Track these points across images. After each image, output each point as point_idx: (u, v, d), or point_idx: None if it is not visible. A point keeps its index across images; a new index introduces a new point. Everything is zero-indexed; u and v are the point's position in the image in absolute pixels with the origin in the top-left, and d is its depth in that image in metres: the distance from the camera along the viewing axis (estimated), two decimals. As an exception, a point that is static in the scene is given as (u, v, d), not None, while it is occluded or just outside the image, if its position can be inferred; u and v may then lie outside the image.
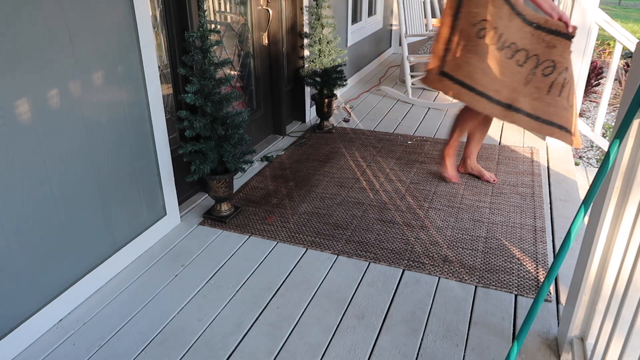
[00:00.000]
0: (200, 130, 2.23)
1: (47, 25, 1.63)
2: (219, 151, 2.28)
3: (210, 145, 2.26)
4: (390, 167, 3.09)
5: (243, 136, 2.32)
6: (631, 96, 1.23)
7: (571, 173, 3.01)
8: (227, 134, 2.28)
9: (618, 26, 3.10)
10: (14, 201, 1.61)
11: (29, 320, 1.71)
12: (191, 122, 2.23)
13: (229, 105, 2.29)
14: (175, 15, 2.40)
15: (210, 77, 2.21)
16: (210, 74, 2.20)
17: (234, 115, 2.31)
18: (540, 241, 2.28)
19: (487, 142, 3.51)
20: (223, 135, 2.27)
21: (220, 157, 2.29)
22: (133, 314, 1.86)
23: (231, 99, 2.27)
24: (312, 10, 3.41)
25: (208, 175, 2.29)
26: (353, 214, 2.53)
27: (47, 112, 1.69)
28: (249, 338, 1.74)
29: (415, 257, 2.17)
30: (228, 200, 2.50)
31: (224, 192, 2.38)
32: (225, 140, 2.29)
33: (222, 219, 2.46)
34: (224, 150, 2.27)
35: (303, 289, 1.99)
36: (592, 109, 6.42)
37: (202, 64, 2.18)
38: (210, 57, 2.19)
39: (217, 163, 2.30)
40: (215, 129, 2.26)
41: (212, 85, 2.22)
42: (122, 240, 2.12)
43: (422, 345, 1.70)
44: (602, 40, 8.65)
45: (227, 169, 2.34)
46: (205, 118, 2.25)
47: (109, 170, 1.98)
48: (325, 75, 3.52)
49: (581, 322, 1.56)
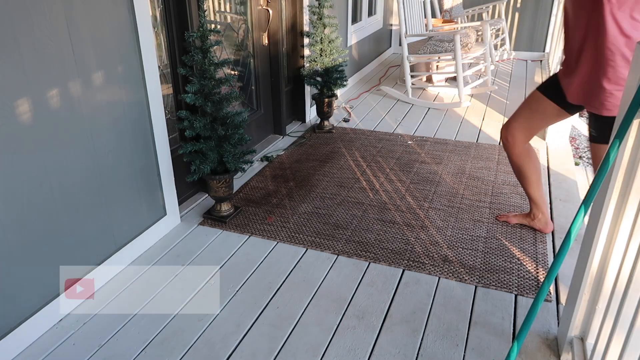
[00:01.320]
0: (200, 130, 2.23)
1: (47, 25, 1.63)
2: (219, 151, 2.28)
3: (210, 145, 2.26)
4: (390, 167, 3.09)
5: (243, 136, 2.32)
6: (631, 96, 1.23)
7: (571, 173, 3.01)
8: (227, 133, 2.28)
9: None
10: (14, 201, 1.61)
11: (29, 320, 1.71)
12: (191, 122, 2.23)
13: (229, 105, 2.29)
14: (175, 15, 2.40)
15: (210, 77, 2.21)
16: (210, 74, 2.20)
17: (234, 115, 2.31)
18: (540, 241, 2.28)
19: (487, 142, 3.51)
20: (223, 135, 2.27)
21: (220, 157, 2.29)
22: (133, 314, 1.86)
23: (231, 99, 2.27)
24: (314, 9, 3.41)
25: (208, 175, 2.29)
26: (353, 214, 2.53)
27: (48, 112, 1.69)
28: (249, 338, 1.74)
29: (415, 257, 2.17)
30: (228, 200, 2.50)
31: (224, 192, 2.38)
32: (225, 140, 2.29)
33: (222, 219, 2.46)
34: (224, 150, 2.26)
35: (303, 289, 1.99)
36: (592, 109, 6.41)
37: (202, 64, 2.18)
38: (210, 57, 2.19)
39: (217, 163, 2.30)
40: (215, 129, 2.26)
41: (212, 85, 2.22)
42: (122, 240, 2.12)
43: (422, 345, 1.70)
44: (602, 40, 8.63)
45: (227, 169, 2.33)
46: (205, 118, 2.25)
47: (109, 170, 1.98)
48: (327, 74, 3.52)
49: (581, 322, 1.56)
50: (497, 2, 5.81)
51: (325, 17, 3.43)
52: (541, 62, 5.88)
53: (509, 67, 5.66)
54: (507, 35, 5.80)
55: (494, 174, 2.96)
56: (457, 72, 4.17)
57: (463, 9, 6.03)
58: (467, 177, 2.94)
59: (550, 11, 5.90)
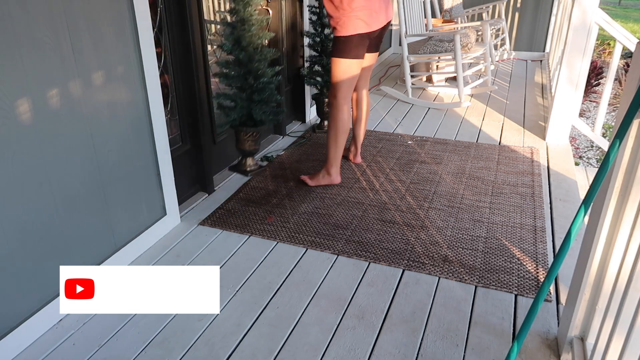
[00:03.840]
0: (233, 80, 2.48)
1: (47, 25, 1.63)
2: (249, 104, 2.52)
3: (241, 96, 2.51)
4: (390, 167, 3.09)
5: (273, 91, 2.56)
6: (631, 96, 1.23)
7: (571, 173, 3.01)
8: (257, 86, 2.52)
9: (618, 26, 3.10)
10: (14, 201, 1.61)
11: (29, 320, 1.71)
12: (228, 71, 2.48)
13: (262, 57, 2.53)
14: (175, 17, 2.41)
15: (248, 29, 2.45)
16: (250, 24, 2.43)
17: (266, 70, 2.56)
18: (540, 241, 2.28)
19: (487, 141, 3.51)
20: (254, 86, 2.45)
21: (249, 110, 2.49)
22: (133, 314, 1.86)
23: (265, 53, 2.50)
24: (314, 10, 3.40)
25: (236, 126, 2.58)
26: (353, 214, 2.53)
27: (48, 112, 1.69)
28: (249, 338, 1.74)
29: (415, 257, 2.17)
30: (254, 156, 2.78)
31: (250, 145, 2.65)
32: (255, 92, 2.54)
33: (246, 173, 2.71)
34: (253, 103, 2.45)
35: (303, 289, 1.99)
36: (592, 109, 6.42)
37: (242, 13, 2.42)
38: (251, 11, 2.43)
39: (247, 117, 2.51)
40: (246, 79, 2.49)
41: (249, 35, 2.46)
42: (122, 240, 2.12)
43: (422, 345, 1.70)
44: (602, 40, 8.65)
45: (255, 123, 2.51)
46: (240, 68, 2.44)
47: (108, 170, 1.98)
48: (327, 74, 3.52)
49: (581, 322, 1.56)
50: (497, 2, 5.81)
51: (325, 17, 3.43)
52: (541, 62, 5.88)
53: (509, 67, 5.66)
54: (507, 35, 5.81)
55: (494, 174, 2.97)
56: (457, 72, 4.17)
57: (463, 9, 6.02)
58: (467, 177, 2.94)
59: (550, 11, 5.90)
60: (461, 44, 4.27)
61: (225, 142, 3.01)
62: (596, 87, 6.69)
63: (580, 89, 3.26)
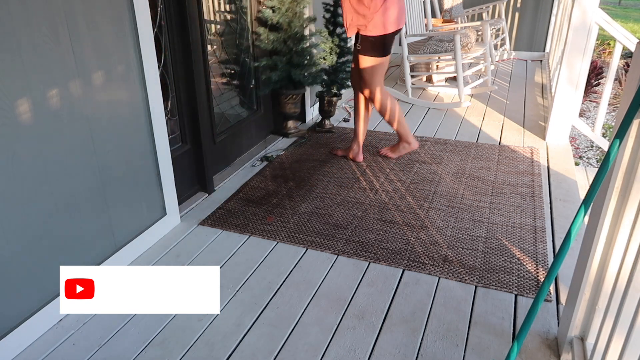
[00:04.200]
0: (274, 45, 2.65)
1: (47, 24, 1.63)
2: (289, 68, 2.69)
3: (281, 59, 2.67)
4: (390, 167, 3.09)
5: (313, 56, 2.73)
6: (631, 96, 1.23)
7: (571, 173, 3.01)
8: (296, 49, 2.68)
9: (618, 26, 3.10)
10: (14, 201, 1.61)
11: (29, 320, 1.71)
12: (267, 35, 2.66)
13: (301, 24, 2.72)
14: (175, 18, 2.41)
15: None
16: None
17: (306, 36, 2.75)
18: (540, 241, 2.28)
19: (487, 141, 3.51)
20: (292, 50, 2.70)
21: (289, 73, 2.72)
22: (133, 314, 1.86)
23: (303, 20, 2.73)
24: (329, 8, 3.39)
25: (278, 89, 2.72)
26: (353, 214, 2.53)
27: (47, 111, 1.69)
28: (249, 338, 1.74)
29: (415, 257, 2.17)
30: (295, 119, 2.99)
31: (290, 108, 3.00)
32: (294, 55, 2.68)
33: (287, 135, 2.96)
34: (293, 66, 2.65)
35: (303, 289, 1.99)
36: (592, 109, 6.42)
37: None
38: None
39: (288, 81, 2.73)
40: (286, 42, 2.66)
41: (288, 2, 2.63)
42: (122, 240, 2.12)
43: (422, 345, 1.70)
44: (602, 40, 8.64)
45: (295, 85, 2.71)
46: (279, 33, 2.68)
47: (109, 170, 1.98)
48: (334, 73, 3.51)
49: (581, 322, 1.56)
50: (497, 2, 5.81)
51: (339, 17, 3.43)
52: (541, 62, 5.88)
53: (509, 67, 5.66)
54: (507, 35, 5.81)
55: (494, 174, 2.97)
56: (457, 72, 4.17)
57: (463, 9, 6.02)
58: (467, 177, 2.94)
59: (550, 11, 5.90)
60: (461, 44, 4.27)
61: (225, 142, 3.01)
62: (596, 87, 6.69)
63: (580, 89, 3.26)
